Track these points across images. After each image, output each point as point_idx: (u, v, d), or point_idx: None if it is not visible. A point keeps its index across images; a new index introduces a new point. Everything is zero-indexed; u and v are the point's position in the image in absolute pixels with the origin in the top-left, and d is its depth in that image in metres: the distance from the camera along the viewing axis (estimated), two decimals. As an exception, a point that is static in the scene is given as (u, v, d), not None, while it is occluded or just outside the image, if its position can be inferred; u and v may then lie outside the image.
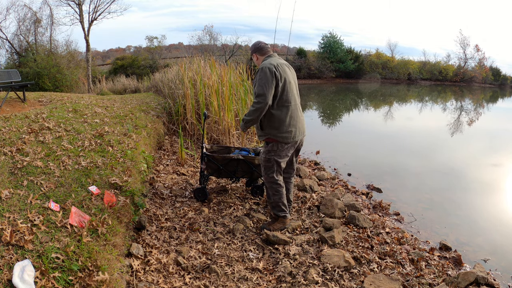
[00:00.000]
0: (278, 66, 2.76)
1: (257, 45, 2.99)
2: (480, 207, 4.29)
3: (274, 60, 2.82)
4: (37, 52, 14.51)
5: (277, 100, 2.76)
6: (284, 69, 2.81)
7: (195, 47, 27.39)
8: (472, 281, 2.33)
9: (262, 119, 2.85)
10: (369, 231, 3.12)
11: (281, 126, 2.79)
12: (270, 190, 2.96)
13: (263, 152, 2.94)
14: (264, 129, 2.86)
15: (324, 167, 5.33)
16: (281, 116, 2.78)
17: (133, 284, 2.17)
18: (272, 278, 2.39)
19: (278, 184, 2.93)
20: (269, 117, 2.80)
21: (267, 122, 2.82)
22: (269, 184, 2.96)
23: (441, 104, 17.45)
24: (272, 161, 2.88)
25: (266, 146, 2.90)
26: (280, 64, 2.81)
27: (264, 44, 2.98)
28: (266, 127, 2.84)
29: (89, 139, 3.78)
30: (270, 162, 2.89)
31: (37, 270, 1.73)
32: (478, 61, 34.93)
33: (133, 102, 7.02)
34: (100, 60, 33.02)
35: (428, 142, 8.08)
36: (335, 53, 28.82)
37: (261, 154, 2.97)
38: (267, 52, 2.96)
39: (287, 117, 2.79)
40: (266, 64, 2.76)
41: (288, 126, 2.80)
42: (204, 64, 6.61)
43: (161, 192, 3.67)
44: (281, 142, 2.82)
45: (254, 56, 3.02)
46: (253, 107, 2.75)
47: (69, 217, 2.21)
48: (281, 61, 2.90)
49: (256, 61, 3.02)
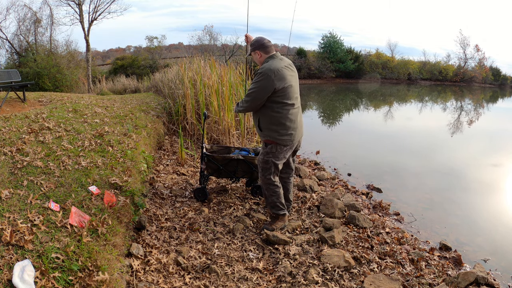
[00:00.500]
0: (279, 71, 2.66)
1: (261, 42, 2.82)
2: (480, 207, 4.29)
3: (278, 64, 2.71)
4: (37, 52, 14.52)
5: (278, 103, 2.71)
6: (285, 74, 2.70)
7: (195, 47, 27.39)
8: (472, 281, 2.33)
9: (262, 120, 2.82)
10: (369, 231, 3.12)
11: (282, 129, 2.75)
12: (267, 191, 2.95)
13: (261, 153, 2.91)
14: (264, 130, 2.82)
15: (324, 167, 5.33)
16: (282, 119, 2.74)
17: (133, 284, 2.17)
18: (272, 278, 2.39)
19: (275, 185, 2.92)
20: (270, 119, 2.76)
21: (267, 124, 2.78)
22: (266, 186, 2.94)
23: (441, 104, 17.45)
24: (270, 162, 2.85)
25: (265, 147, 2.87)
26: (283, 68, 2.70)
27: (267, 41, 2.84)
28: (265, 129, 2.80)
29: (89, 139, 3.78)
30: (268, 163, 2.86)
31: (37, 270, 1.73)
32: (478, 61, 34.95)
33: (133, 102, 7.02)
34: (100, 60, 33.02)
35: (428, 142, 8.08)
36: (335, 53, 28.83)
37: (259, 155, 2.95)
38: (271, 51, 2.83)
39: (288, 120, 2.75)
40: (269, 69, 2.65)
41: (289, 129, 2.77)
42: (204, 64, 6.61)
43: (161, 192, 3.67)
44: (281, 145, 2.79)
45: (257, 53, 2.84)
46: (242, 104, 2.86)
47: (69, 217, 2.21)
48: (284, 62, 2.79)
49: (259, 59, 2.86)
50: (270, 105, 2.74)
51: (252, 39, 2.93)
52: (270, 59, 2.78)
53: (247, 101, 2.80)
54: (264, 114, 2.80)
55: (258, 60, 2.89)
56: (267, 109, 2.77)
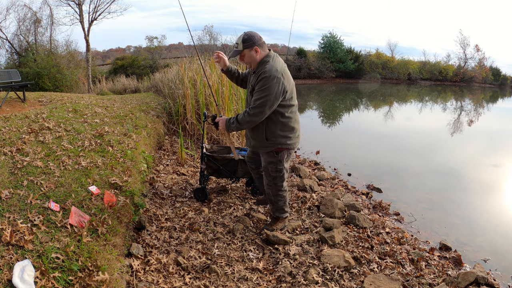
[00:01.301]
0: (285, 71, 2.51)
1: (257, 36, 2.49)
2: (480, 207, 4.29)
3: (279, 65, 2.49)
4: (37, 52, 14.53)
5: (287, 106, 2.54)
6: (288, 74, 2.56)
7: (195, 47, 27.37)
8: (472, 281, 2.33)
9: (269, 129, 2.57)
10: (369, 231, 3.12)
11: (292, 133, 2.62)
12: (274, 197, 2.86)
13: (271, 162, 2.68)
14: (271, 139, 2.58)
15: (324, 167, 5.33)
16: (292, 123, 2.60)
17: (133, 284, 2.17)
18: (272, 278, 2.39)
19: (285, 190, 2.85)
20: (281, 126, 2.56)
21: (277, 131, 2.57)
22: (276, 193, 2.82)
23: (441, 104, 17.45)
24: (283, 170, 2.71)
25: (276, 155, 2.64)
26: (285, 67, 2.56)
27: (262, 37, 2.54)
28: (274, 137, 2.58)
29: (89, 139, 3.78)
30: (281, 172, 2.70)
31: (37, 270, 1.73)
32: (478, 61, 35.02)
33: (133, 102, 7.02)
34: (100, 60, 33.04)
35: (428, 142, 8.08)
36: (335, 53, 28.84)
37: (267, 166, 2.72)
38: (266, 49, 2.53)
39: (297, 123, 2.66)
40: (276, 70, 2.42)
41: (297, 131, 2.67)
42: (204, 64, 6.61)
43: (161, 192, 3.67)
44: (291, 149, 2.68)
45: (255, 50, 2.47)
46: (249, 117, 2.48)
47: (69, 217, 2.21)
48: (283, 62, 2.59)
49: (256, 57, 2.50)
50: (280, 110, 2.52)
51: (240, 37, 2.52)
52: (269, 58, 2.49)
53: (257, 113, 2.44)
54: (273, 121, 2.56)
55: (254, 58, 2.50)
56: (276, 115, 2.54)
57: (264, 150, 2.67)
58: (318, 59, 28.56)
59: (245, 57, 2.52)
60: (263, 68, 2.45)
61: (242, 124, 2.57)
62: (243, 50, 2.49)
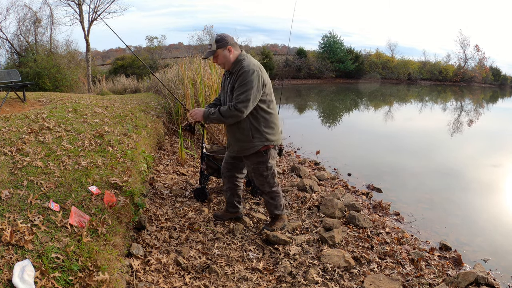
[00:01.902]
0: (260, 66, 2.57)
1: (229, 37, 2.54)
2: (480, 207, 4.29)
3: (255, 61, 2.55)
4: (37, 52, 14.53)
5: (268, 102, 2.58)
6: (264, 70, 2.60)
7: (195, 47, 27.43)
8: (472, 281, 2.33)
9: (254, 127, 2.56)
10: (369, 231, 3.12)
11: (275, 129, 2.64)
12: (271, 194, 2.87)
13: (261, 162, 2.67)
14: (256, 138, 2.57)
15: (324, 167, 5.33)
16: (273, 118, 2.62)
17: (133, 284, 2.17)
18: (272, 278, 2.39)
19: (278, 185, 2.89)
20: (264, 122, 2.57)
21: (261, 128, 2.57)
22: (271, 189, 2.83)
23: (441, 104, 17.46)
24: (272, 167, 2.74)
25: (264, 155, 2.64)
26: (260, 65, 2.59)
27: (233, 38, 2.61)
28: (260, 135, 2.57)
29: (89, 139, 3.78)
30: (271, 169, 2.74)
31: (37, 270, 1.73)
32: (478, 61, 35.03)
33: (133, 102, 7.03)
34: (100, 60, 33.04)
35: (428, 142, 8.08)
36: (335, 53, 28.84)
37: (257, 167, 2.70)
38: (239, 49, 2.57)
39: (277, 119, 2.69)
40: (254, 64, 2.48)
41: (279, 127, 2.71)
42: (204, 64, 6.60)
43: (161, 192, 3.67)
44: (276, 145, 2.70)
45: (228, 49, 2.50)
46: (234, 111, 2.44)
47: (69, 217, 2.21)
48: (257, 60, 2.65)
49: (230, 56, 2.51)
50: (261, 105, 2.54)
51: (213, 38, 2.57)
52: (244, 56, 2.53)
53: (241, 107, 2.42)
54: (256, 118, 2.55)
55: (228, 57, 2.52)
56: (258, 112, 2.54)
57: (251, 151, 2.63)
58: (318, 59, 28.57)
59: (218, 57, 2.55)
60: (241, 65, 2.49)
61: (225, 118, 2.52)
62: (216, 50, 2.52)
